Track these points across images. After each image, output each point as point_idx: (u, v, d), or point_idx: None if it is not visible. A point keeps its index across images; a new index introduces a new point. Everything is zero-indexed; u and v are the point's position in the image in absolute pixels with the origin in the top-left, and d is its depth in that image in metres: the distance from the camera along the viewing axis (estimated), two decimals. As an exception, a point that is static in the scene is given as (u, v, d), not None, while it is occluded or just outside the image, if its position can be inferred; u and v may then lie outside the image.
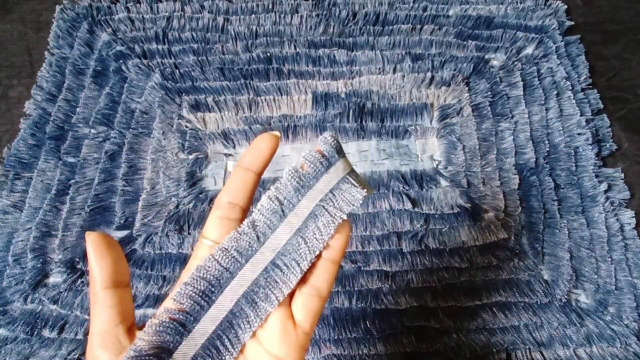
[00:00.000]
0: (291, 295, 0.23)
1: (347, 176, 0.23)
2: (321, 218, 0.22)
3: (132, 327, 0.22)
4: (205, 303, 0.21)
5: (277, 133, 0.24)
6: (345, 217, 0.22)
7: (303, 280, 0.23)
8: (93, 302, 0.21)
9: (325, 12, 0.56)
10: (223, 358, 0.21)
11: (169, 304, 0.21)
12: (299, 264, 0.22)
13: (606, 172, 0.48)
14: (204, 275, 0.21)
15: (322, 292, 0.23)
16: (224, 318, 0.21)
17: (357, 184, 0.22)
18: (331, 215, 0.22)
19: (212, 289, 0.21)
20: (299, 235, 0.22)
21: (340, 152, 0.23)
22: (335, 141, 0.23)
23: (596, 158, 0.48)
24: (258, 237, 0.22)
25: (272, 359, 0.21)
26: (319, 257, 0.23)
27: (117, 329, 0.21)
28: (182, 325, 0.21)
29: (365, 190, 0.22)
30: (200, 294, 0.21)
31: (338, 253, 0.23)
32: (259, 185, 0.24)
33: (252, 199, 0.24)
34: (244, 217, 0.23)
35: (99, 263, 0.21)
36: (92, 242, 0.22)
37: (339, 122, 0.49)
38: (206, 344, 0.21)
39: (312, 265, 0.22)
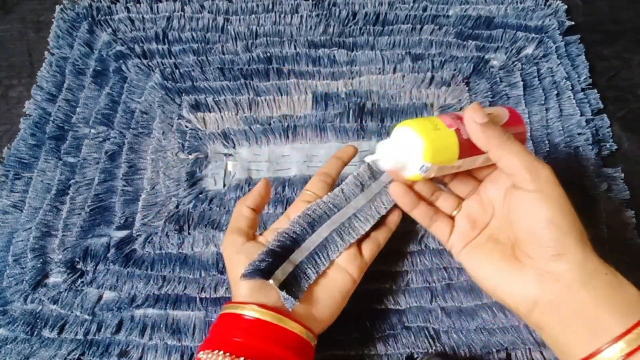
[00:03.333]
0: (361, 240, 0.36)
1: None
2: (384, 195, 0.37)
3: (255, 231, 0.36)
4: (310, 230, 0.35)
5: (356, 147, 0.41)
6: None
7: (368, 234, 0.36)
8: (237, 209, 0.37)
9: (325, 12, 0.56)
10: (318, 267, 0.34)
11: (282, 224, 0.35)
12: (369, 220, 0.36)
13: (606, 172, 0.48)
14: (311, 214, 0.35)
15: (380, 242, 0.37)
16: (321, 242, 0.34)
17: None
18: (389, 195, 0.36)
19: (315, 223, 0.35)
20: (370, 203, 0.36)
21: None
22: None
23: (596, 158, 0.48)
24: (346, 199, 0.36)
25: (343, 271, 0.35)
26: (382, 219, 0.36)
27: (246, 228, 0.36)
28: (294, 241, 0.34)
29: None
30: (307, 224, 0.35)
31: (393, 223, 0.38)
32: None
33: (338, 175, 0.39)
34: (332, 185, 0.38)
35: (255, 194, 0.37)
36: (260, 184, 0.38)
37: (339, 122, 0.49)
38: (309, 255, 0.34)
39: (376, 225, 0.36)
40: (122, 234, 0.45)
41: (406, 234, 0.44)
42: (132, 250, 0.44)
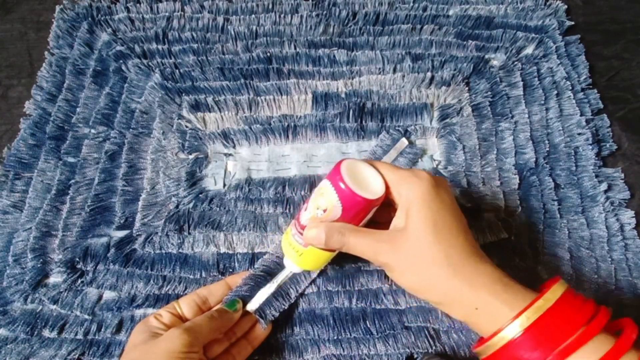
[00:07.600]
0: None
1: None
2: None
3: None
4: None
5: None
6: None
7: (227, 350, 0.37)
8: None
9: (325, 12, 0.56)
10: (290, 297, 0.41)
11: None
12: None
13: (606, 172, 0.48)
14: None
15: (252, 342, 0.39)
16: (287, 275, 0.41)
17: None
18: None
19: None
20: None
21: None
22: None
23: (596, 158, 0.48)
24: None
25: None
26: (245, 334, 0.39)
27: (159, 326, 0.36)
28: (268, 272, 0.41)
29: None
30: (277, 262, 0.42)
31: (258, 342, 0.39)
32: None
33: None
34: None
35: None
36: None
37: (339, 122, 0.49)
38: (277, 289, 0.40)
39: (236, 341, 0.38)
40: (122, 234, 0.45)
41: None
42: (132, 250, 0.44)
